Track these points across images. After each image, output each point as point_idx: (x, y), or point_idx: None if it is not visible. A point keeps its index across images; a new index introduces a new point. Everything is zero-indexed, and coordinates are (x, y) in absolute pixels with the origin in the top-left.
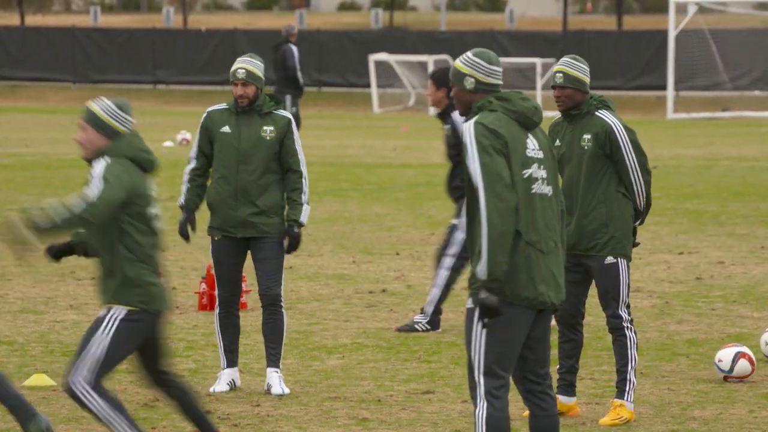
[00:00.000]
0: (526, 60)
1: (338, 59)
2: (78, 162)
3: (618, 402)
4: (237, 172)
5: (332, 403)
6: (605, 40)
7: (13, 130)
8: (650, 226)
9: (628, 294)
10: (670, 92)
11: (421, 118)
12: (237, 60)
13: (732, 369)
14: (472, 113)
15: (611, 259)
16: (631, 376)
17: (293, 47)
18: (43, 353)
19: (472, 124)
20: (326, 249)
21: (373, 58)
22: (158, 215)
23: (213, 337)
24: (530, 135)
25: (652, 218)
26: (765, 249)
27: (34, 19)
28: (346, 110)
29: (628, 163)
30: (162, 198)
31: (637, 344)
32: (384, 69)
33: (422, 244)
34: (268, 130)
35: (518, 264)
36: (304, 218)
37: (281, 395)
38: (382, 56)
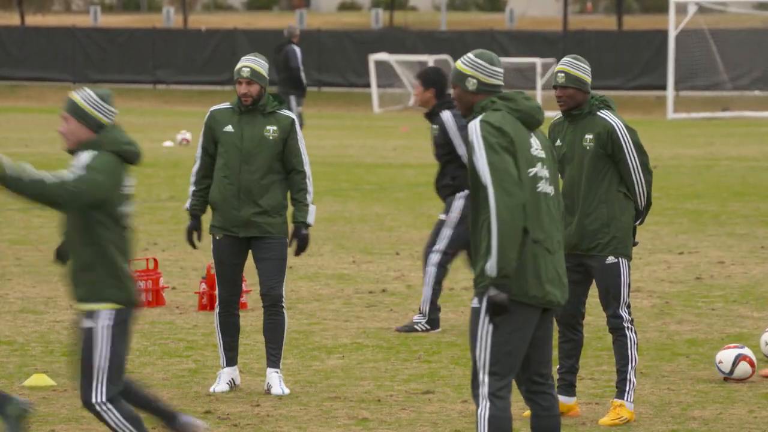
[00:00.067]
0: (526, 60)
1: (338, 59)
2: None
3: (618, 402)
4: (240, 171)
5: (332, 403)
6: (605, 40)
7: (13, 130)
8: (650, 226)
9: (629, 294)
10: (670, 92)
11: (421, 118)
12: (242, 59)
13: (732, 371)
14: (475, 114)
15: (612, 259)
16: (631, 376)
17: (296, 48)
18: (43, 353)
19: (477, 122)
20: (326, 249)
21: (373, 58)
22: (130, 213)
23: (213, 337)
24: (533, 135)
25: (652, 218)
26: (765, 249)
27: (34, 19)
28: (346, 110)
29: (629, 163)
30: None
31: (637, 344)
32: (384, 69)
33: (422, 244)
34: (271, 129)
35: (526, 262)
36: (311, 219)
37: (281, 395)
38: (382, 56)
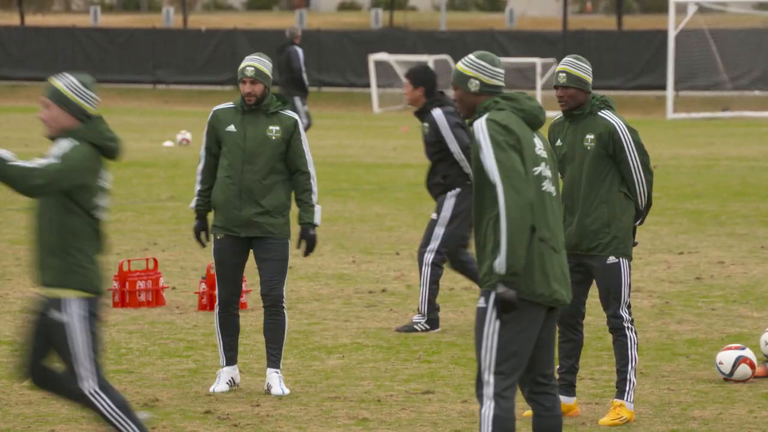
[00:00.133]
0: (526, 60)
1: (338, 59)
2: None
3: (618, 402)
4: (242, 171)
5: (332, 403)
6: (605, 40)
7: (13, 130)
8: (650, 225)
9: (629, 294)
10: (670, 92)
11: None
12: (246, 58)
13: (732, 373)
14: (478, 114)
15: (613, 259)
16: (631, 376)
17: (298, 49)
18: None
19: (483, 121)
20: (326, 249)
21: (373, 58)
22: (105, 207)
23: (213, 337)
24: (535, 134)
25: (652, 218)
26: (765, 249)
27: (34, 19)
28: (346, 110)
29: (631, 163)
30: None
31: (637, 344)
32: (384, 69)
33: None
34: (274, 130)
35: (533, 261)
36: (318, 219)
37: (281, 395)
38: (382, 56)
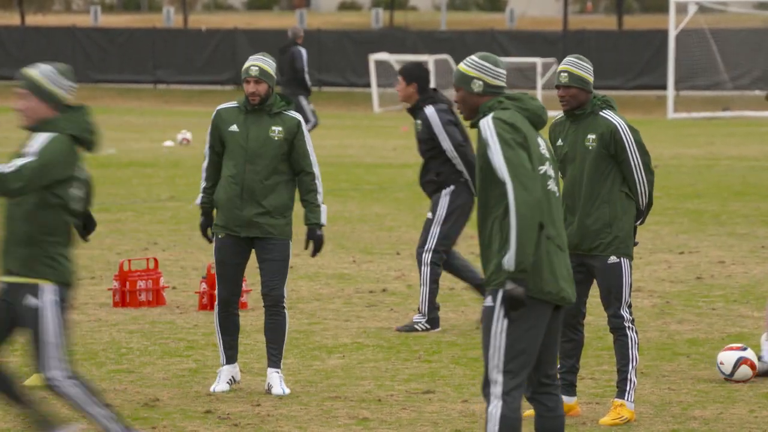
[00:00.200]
0: (527, 60)
1: (338, 59)
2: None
3: (618, 402)
4: (244, 171)
5: (332, 402)
6: (605, 40)
7: (13, 130)
8: (651, 225)
9: (630, 294)
10: (670, 92)
11: None
12: (250, 58)
13: (733, 374)
14: (481, 114)
15: (614, 259)
16: (631, 376)
17: (302, 49)
18: None
19: (490, 119)
20: (326, 249)
21: (374, 57)
22: (81, 197)
23: (213, 337)
24: (538, 134)
25: (652, 218)
26: (765, 249)
27: (34, 19)
28: (347, 110)
29: (632, 163)
30: (162, 198)
31: (638, 344)
32: (384, 69)
33: None
34: (277, 130)
35: (541, 259)
36: (324, 219)
37: (282, 395)
38: (383, 56)
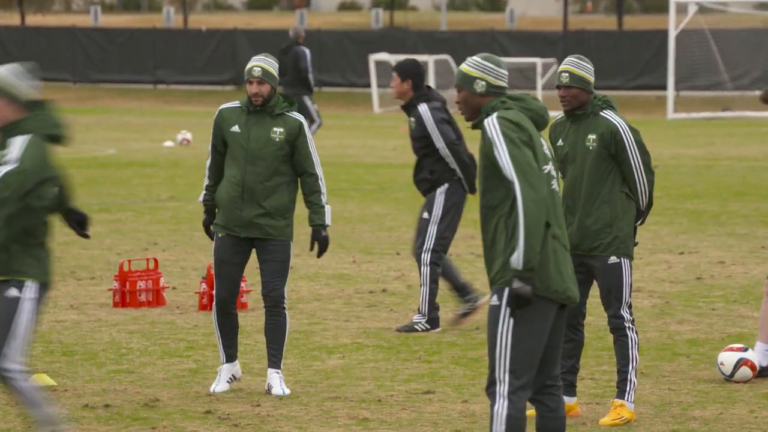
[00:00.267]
0: (527, 60)
1: (339, 59)
2: (77, 161)
3: (618, 402)
4: (245, 172)
5: (333, 403)
6: (605, 40)
7: None
8: (650, 225)
9: (630, 294)
10: (670, 92)
11: None
12: (252, 58)
13: (733, 374)
14: (484, 114)
15: (615, 259)
16: (631, 376)
17: (306, 49)
18: (44, 353)
19: (495, 118)
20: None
21: (374, 57)
22: (57, 194)
23: (213, 337)
24: (540, 134)
25: (652, 218)
26: (765, 249)
27: (34, 19)
28: (347, 110)
29: (632, 163)
30: (162, 198)
31: (638, 344)
32: (384, 69)
33: None
34: (278, 131)
35: (547, 257)
36: (329, 220)
37: (282, 396)
38: (383, 56)
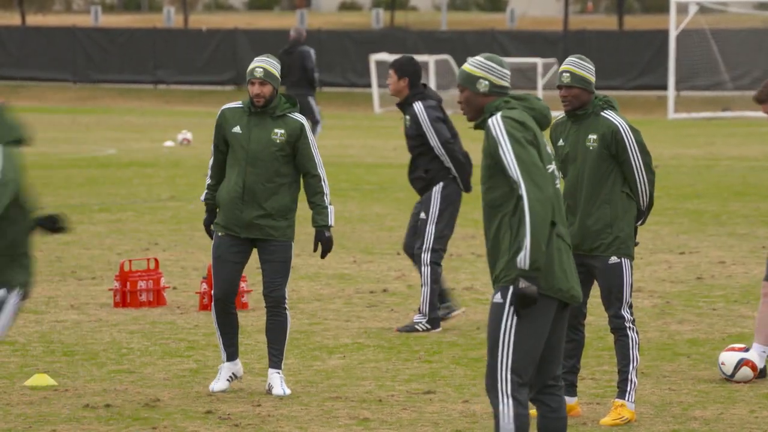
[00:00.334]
0: (527, 60)
1: (339, 59)
2: (78, 161)
3: (619, 402)
4: (246, 173)
5: (333, 403)
6: (606, 40)
7: None
8: (651, 225)
9: (631, 294)
10: (670, 92)
11: None
12: (255, 59)
13: (733, 375)
14: (487, 114)
15: (615, 259)
16: (632, 376)
17: (310, 49)
18: (44, 353)
19: (499, 118)
20: None
21: (374, 57)
22: (30, 196)
23: (214, 337)
24: (543, 135)
25: (652, 218)
26: (766, 249)
27: (34, 19)
28: (347, 110)
29: (633, 163)
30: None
31: (639, 344)
32: (385, 69)
33: None
34: (279, 133)
35: (552, 256)
36: (332, 220)
37: (282, 396)
38: (383, 56)
